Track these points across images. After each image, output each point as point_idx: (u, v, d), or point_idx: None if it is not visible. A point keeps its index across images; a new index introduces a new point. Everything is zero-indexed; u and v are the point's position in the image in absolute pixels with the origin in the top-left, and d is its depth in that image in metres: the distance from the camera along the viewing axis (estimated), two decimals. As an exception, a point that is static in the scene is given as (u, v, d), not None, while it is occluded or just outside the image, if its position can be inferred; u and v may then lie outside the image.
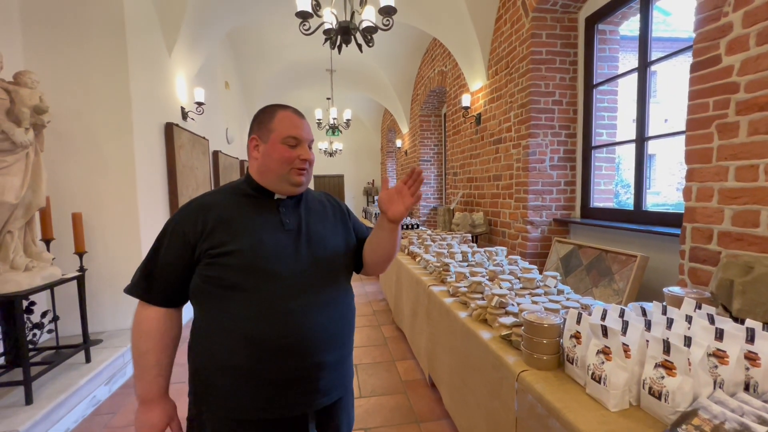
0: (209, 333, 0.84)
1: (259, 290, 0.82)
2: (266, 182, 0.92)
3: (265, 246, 0.85)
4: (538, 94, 3.06)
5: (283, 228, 0.90)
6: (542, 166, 3.12)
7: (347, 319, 0.95)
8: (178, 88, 3.62)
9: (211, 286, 0.83)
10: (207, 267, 0.83)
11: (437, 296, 1.96)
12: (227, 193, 0.93)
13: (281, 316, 0.82)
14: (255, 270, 0.83)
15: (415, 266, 2.66)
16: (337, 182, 11.28)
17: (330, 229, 0.99)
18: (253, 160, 0.93)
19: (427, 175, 6.68)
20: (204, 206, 0.88)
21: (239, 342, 0.81)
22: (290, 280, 0.85)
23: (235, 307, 0.82)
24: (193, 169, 3.76)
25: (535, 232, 3.16)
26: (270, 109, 0.93)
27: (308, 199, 1.02)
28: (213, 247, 0.83)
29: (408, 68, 6.52)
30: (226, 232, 0.85)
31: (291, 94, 8.08)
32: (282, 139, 0.88)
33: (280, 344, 0.81)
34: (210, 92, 4.71)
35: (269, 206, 0.92)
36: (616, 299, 2.16)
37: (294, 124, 0.91)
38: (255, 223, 0.88)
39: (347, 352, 0.96)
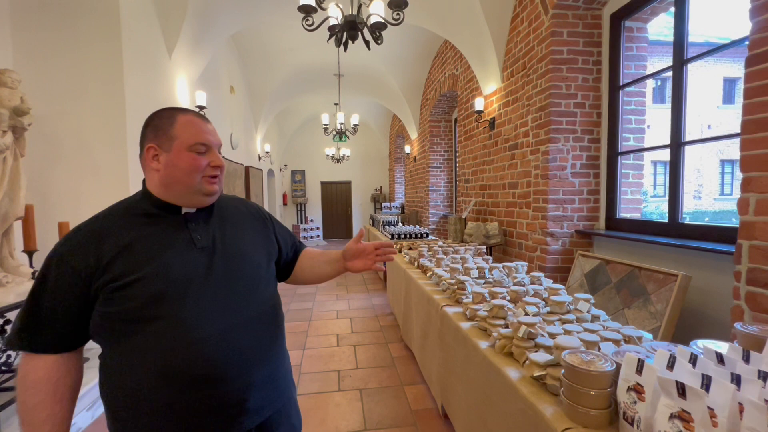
0: (119, 371, 0.75)
1: (168, 320, 0.74)
2: (171, 196, 0.82)
3: (172, 270, 0.77)
4: (558, 96, 2.85)
5: (195, 246, 0.81)
6: (563, 174, 2.89)
7: (275, 332, 0.90)
8: (179, 92, 3.49)
9: (114, 322, 0.74)
10: (106, 303, 0.74)
11: (452, 319, 1.75)
12: (121, 214, 0.81)
13: (198, 344, 0.75)
14: (164, 298, 0.75)
15: (426, 281, 2.45)
16: (344, 189, 11.12)
17: (249, 240, 0.92)
18: (153, 172, 0.82)
19: (436, 182, 6.47)
20: (96, 234, 0.77)
21: (152, 378, 0.74)
22: (204, 304, 0.78)
23: (146, 342, 0.74)
24: (193, 175, 3.60)
25: (555, 245, 2.92)
26: (167, 114, 0.83)
27: (222, 208, 0.92)
28: (114, 279, 0.73)
29: (417, 72, 6.35)
30: (127, 260, 0.75)
31: (297, 99, 7.97)
32: (189, 147, 0.80)
33: (200, 374, 0.75)
34: (214, 97, 4.59)
35: (175, 224, 0.82)
36: (654, 323, 1.92)
37: (201, 128, 0.83)
38: (160, 245, 0.79)
39: (279, 363, 0.90)
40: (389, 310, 4.04)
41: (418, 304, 2.44)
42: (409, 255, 3.14)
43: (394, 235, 5.04)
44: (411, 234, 5.06)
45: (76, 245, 0.75)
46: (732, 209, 13.41)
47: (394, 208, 9.02)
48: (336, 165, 10.33)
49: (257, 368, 0.82)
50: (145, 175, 0.85)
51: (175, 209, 0.83)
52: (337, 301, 4.43)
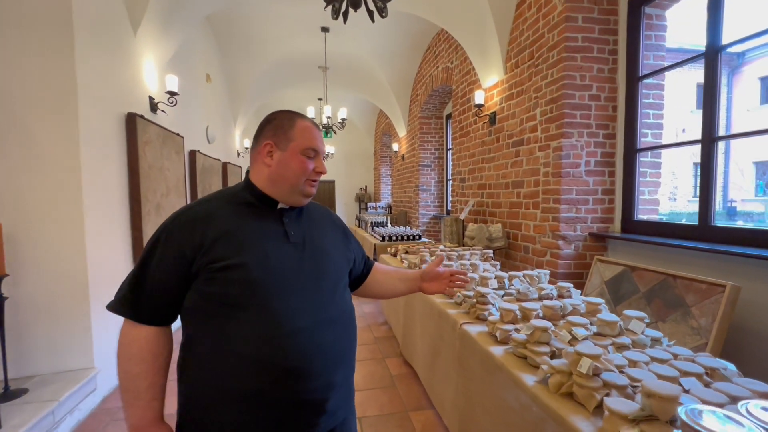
0: (210, 357, 0.77)
1: (266, 308, 0.77)
2: (275, 191, 0.88)
3: (271, 260, 0.81)
4: (572, 88, 2.62)
5: (288, 240, 0.86)
6: (577, 172, 2.66)
7: (352, 336, 0.92)
8: (146, 74, 3.06)
9: (213, 304, 0.77)
10: (208, 282, 0.76)
11: (477, 342, 1.46)
12: (225, 201, 0.86)
13: (291, 336, 0.77)
14: (262, 286, 0.77)
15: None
16: (327, 188, 10.73)
17: (332, 243, 0.96)
18: (263, 167, 0.88)
19: (427, 181, 6.22)
20: (203, 216, 0.81)
21: (245, 365, 0.75)
22: (297, 296, 0.81)
23: (240, 328, 0.76)
24: (162, 170, 3.19)
25: (567, 249, 2.69)
26: (289, 116, 0.89)
27: (310, 210, 0.97)
28: (215, 260, 0.76)
29: (407, 67, 6.07)
30: (229, 244, 0.79)
31: (280, 93, 7.55)
32: (302, 150, 0.86)
33: (291, 366, 0.76)
34: (188, 84, 4.15)
35: (272, 216, 0.88)
36: (697, 340, 1.69)
37: (314, 135, 0.89)
38: (259, 234, 0.83)
39: (351, 370, 0.93)
40: (383, 318, 3.73)
41: (424, 317, 2.14)
42: (408, 260, 2.84)
43: (384, 237, 4.73)
44: (402, 236, 4.77)
45: (184, 223, 0.79)
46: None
47: (380, 209, 8.72)
48: (319, 163, 9.94)
49: (339, 368, 0.84)
50: (252, 167, 0.90)
51: (272, 203, 0.88)
52: (324, 308, 4.09)
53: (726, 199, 13.82)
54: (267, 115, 0.90)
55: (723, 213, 13.16)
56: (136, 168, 2.72)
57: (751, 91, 13.20)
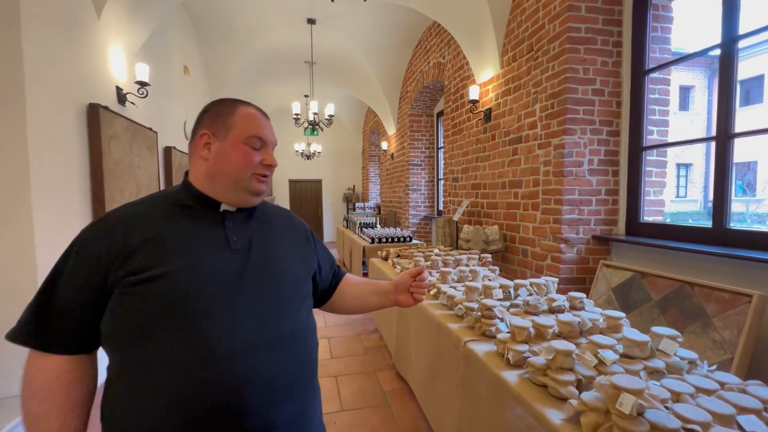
0: (124, 391, 0.64)
1: (190, 329, 0.63)
2: (215, 189, 0.75)
3: (203, 269, 0.68)
4: (575, 81, 2.47)
5: (229, 246, 0.73)
6: (580, 171, 2.52)
7: (308, 363, 0.76)
8: (113, 63, 2.78)
9: (128, 326, 0.63)
10: (122, 299, 0.64)
11: (486, 364, 1.27)
12: (157, 203, 0.75)
13: (220, 364, 0.63)
14: (187, 301, 0.64)
15: (431, 302, 1.97)
16: (314, 188, 10.45)
17: (288, 250, 0.83)
18: (201, 161, 0.76)
19: (417, 180, 6.04)
20: (125, 220, 0.69)
21: (165, 401, 0.61)
22: (233, 313, 0.67)
23: (159, 354, 0.62)
24: (132, 167, 2.91)
25: (569, 252, 2.54)
26: (229, 103, 0.78)
27: (264, 212, 0.86)
28: (133, 272, 0.64)
29: (397, 62, 5.88)
30: (154, 252, 0.66)
31: (264, 88, 7.25)
32: (245, 139, 0.75)
33: (219, 401, 0.62)
34: (163, 76, 3.86)
35: (212, 220, 0.75)
36: (721, 355, 1.55)
37: (260, 122, 0.78)
38: (192, 240, 0.70)
39: (309, 402, 0.75)
40: (373, 326, 3.53)
41: (421, 330, 1.95)
42: (402, 265, 2.64)
43: (374, 239, 4.53)
44: (393, 238, 4.58)
45: (101, 230, 0.68)
46: (688, 211, 14.08)
47: (368, 209, 8.51)
48: (306, 162, 9.66)
49: (285, 403, 0.70)
50: (190, 165, 0.79)
51: (213, 204, 0.76)
52: (311, 315, 3.86)
53: (707, 199, 14.11)
54: (206, 104, 0.80)
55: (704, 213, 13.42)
56: (100, 165, 2.44)
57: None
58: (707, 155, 13.73)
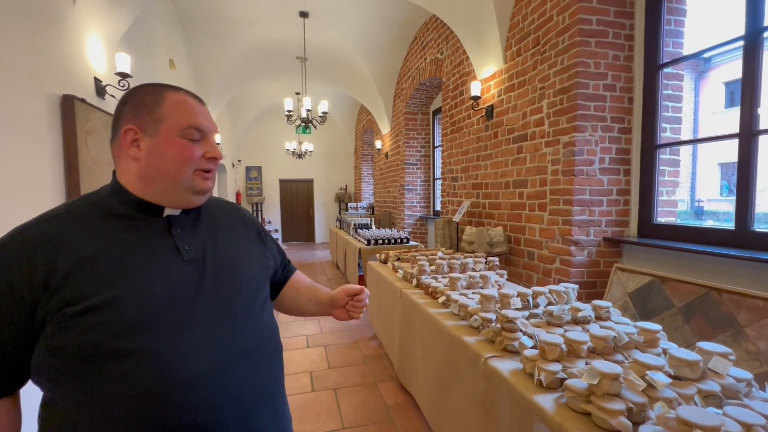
0: (71, 425, 0.55)
1: (147, 355, 0.56)
2: (152, 192, 0.65)
3: (154, 290, 0.60)
4: (586, 76, 2.35)
5: (182, 258, 0.65)
6: (591, 170, 2.40)
7: (277, 365, 0.74)
8: (90, 52, 2.57)
9: (69, 359, 0.55)
10: (60, 333, 0.54)
11: (515, 387, 1.13)
12: (82, 214, 0.62)
13: (184, 387, 0.58)
14: (140, 328, 0.57)
15: (440, 310, 1.82)
16: (305, 187, 10.23)
17: (244, 251, 0.76)
18: (129, 161, 0.65)
19: (412, 180, 5.90)
20: (44, 241, 0.58)
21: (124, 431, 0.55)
22: (195, 330, 0.61)
23: (112, 385, 0.55)
24: (111, 166, 2.69)
25: (580, 255, 2.43)
26: (153, 90, 0.66)
27: (210, 210, 0.76)
28: (70, 302, 0.55)
29: (392, 59, 5.73)
30: (90, 277, 0.57)
31: (253, 85, 7.03)
32: (180, 131, 0.65)
33: (187, 425, 0.57)
34: (147, 69, 3.64)
35: (155, 228, 0.66)
36: (756, 367, 1.43)
37: (194, 110, 0.67)
38: (136, 257, 0.61)
39: (281, 406, 0.74)
40: (371, 332, 3.37)
41: (430, 341, 1.80)
42: (404, 270, 2.49)
43: (370, 241, 4.38)
44: (389, 239, 4.43)
45: (15, 256, 0.57)
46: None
47: (361, 209, 8.35)
48: (297, 161, 9.44)
49: (260, 412, 0.67)
50: (116, 165, 0.69)
51: (154, 209, 0.67)
52: (304, 321, 3.68)
53: (694, 198, 14.30)
54: (124, 93, 0.68)
55: (691, 212, 13.58)
56: (75, 162, 2.23)
57: (717, 96, 13.70)
58: (694, 155, 13.93)
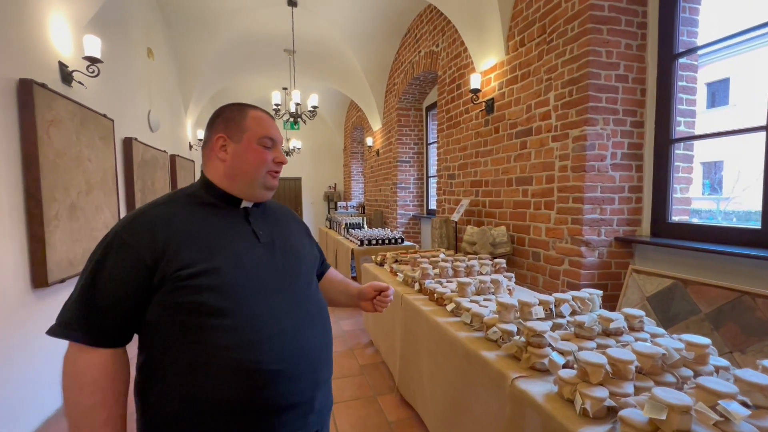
0: (185, 373, 0.69)
1: (246, 312, 0.72)
2: (234, 187, 0.82)
3: (245, 261, 0.76)
4: (597, 66, 2.21)
5: (258, 241, 0.81)
6: (602, 165, 2.27)
7: (330, 332, 0.90)
8: (54, 33, 2.30)
9: (183, 314, 0.69)
10: (176, 292, 0.69)
11: (552, 415, 0.96)
12: (183, 202, 0.79)
13: (275, 339, 0.74)
14: (240, 289, 0.73)
15: (447, 318, 1.65)
16: (293, 186, 9.95)
17: (300, 242, 0.93)
18: (219, 162, 0.82)
19: (405, 178, 5.73)
20: (161, 219, 0.73)
21: (232, 375, 0.69)
22: (277, 296, 0.77)
23: (220, 336, 0.69)
24: (80, 160, 2.43)
25: (591, 256, 2.29)
26: (239, 107, 0.84)
27: (270, 208, 0.93)
28: (182, 267, 0.69)
29: (384, 53, 5.54)
30: (196, 249, 0.72)
31: (239, 79, 6.74)
32: (258, 140, 0.82)
33: (279, 368, 0.73)
34: (122, 56, 3.36)
35: (237, 216, 0.82)
36: (801, 380, 1.30)
37: (269, 124, 0.85)
38: (227, 236, 0.77)
39: (332, 365, 0.90)
40: (366, 338, 3.18)
41: (439, 354, 1.62)
42: (404, 273, 2.31)
43: (363, 241, 4.19)
44: (383, 239, 4.25)
45: (140, 228, 0.71)
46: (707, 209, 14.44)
47: (351, 208, 8.15)
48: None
49: (323, 366, 0.83)
50: (206, 166, 0.84)
51: (235, 202, 0.83)
52: (295, 327, 3.47)
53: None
54: (216, 109, 0.84)
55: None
56: (35, 156, 1.98)
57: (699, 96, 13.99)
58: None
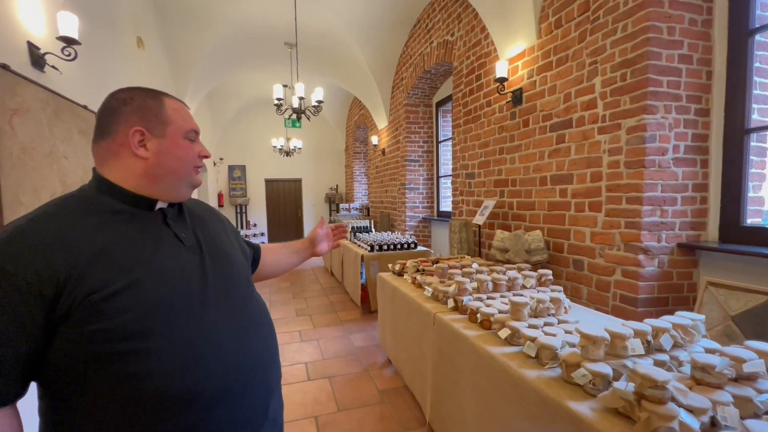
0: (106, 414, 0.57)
1: (175, 332, 0.62)
2: (155, 189, 0.69)
3: (170, 272, 0.65)
4: (658, 44, 1.90)
5: (183, 245, 0.70)
6: (663, 160, 1.95)
7: (274, 332, 0.83)
8: (21, 8, 1.97)
9: (102, 344, 0.57)
10: (89, 319, 0.56)
11: None
12: (78, 212, 0.63)
13: (213, 357, 0.65)
14: (166, 306, 0.62)
15: (502, 347, 1.32)
16: (293, 188, 9.61)
17: (225, 240, 0.82)
18: (135, 160, 0.67)
19: (414, 178, 5.41)
20: (53, 236, 0.58)
21: (170, 406, 0.59)
22: (212, 307, 0.68)
23: (146, 364, 0.59)
24: (54, 157, 2.09)
25: (649, 266, 1.97)
26: (151, 94, 0.70)
27: (186, 205, 0.80)
28: (94, 290, 0.57)
29: (391, 46, 5.23)
30: (109, 266, 0.59)
31: (237, 75, 6.41)
32: (185, 133, 0.71)
33: (221, 389, 0.64)
34: (108, 43, 3.03)
35: (153, 220, 0.70)
36: None
37: (189, 115, 0.74)
38: (145, 245, 0.65)
39: (279, 364, 0.84)
40: (382, 356, 2.85)
41: (495, 394, 1.30)
42: (433, 287, 1.99)
43: (374, 246, 3.86)
44: (395, 244, 3.92)
45: (26, 253, 0.56)
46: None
47: (353, 210, 7.82)
48: (284, 160, 8.83)
49: (273, 372, 0.78)
50: (110, 164, 0.68)
51: (147, 204, 0.70)
52: (302, 343, 3.13)
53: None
54: (113, 95, 0.68)
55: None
56: (-6, 151, 1.64)
57: None
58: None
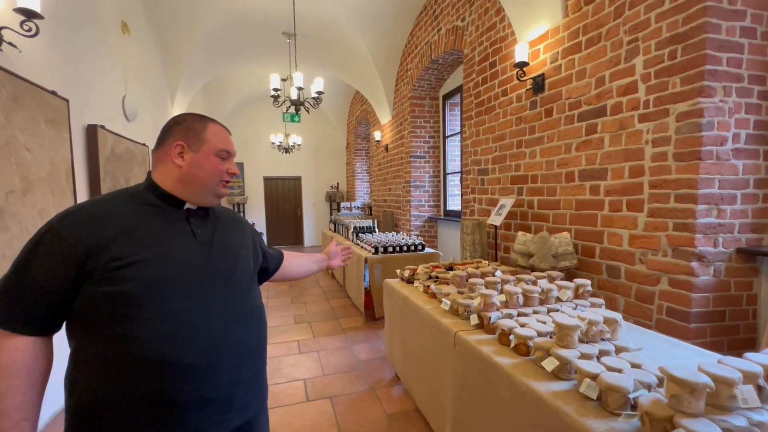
0: (104, 363, 0.71)
1: (167, 306, 0.74)
2: (185, 192, 0.85)
3: (174, 256, 0.78)
4: (717, 14, 1.62)
5: (195, 239, 0.84)
6: (722, 151, 1.67)
7: (263, 332, 0.93)
8: (-29, -25, 1.68)
9: (106, 304, 0.71)
10: (103, 282, 0.71)
11: None
12: (125, 200, 0.81)
13: (197, 333, 0.76)
14: (162, 282, 0.75)
15: (546, 382, 1.05)
16: (293, 186, 9.32)
17: (239, 243, 0.95)
18: (173, 167, 0.84)
19: (420, 175, 5.12)
20: (99, 215, 0.75)
21: (147, 367, 0.71)
22: (203, 292, 0.79)
23: (139, 328, 0.71)
24: (13, 149, 1.82)
25: (704, 274, 1.69)
26: (200, 119, 0.88)
27: (216, 212, 0.96)
28: (114, 258, 0.72)
29: (394, 35, 4.94)
30: (130, 243, 0.74)
31: (233, 68, 6.11)
32: (216, 152, 0.86)
33: (192, 364, 0.74)
34: (83, 25, 2.74)
35: (177, 216, 0.85)
36: None
37: (227, 138, 0.90)
38: (163, 232, 0.80)
39: (262, 364, 0.93)
40: (388, 371, 2.57)
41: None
42: (454, 300, 1.70)
43: (378, 248, 3.58)
44: (401, 246, 3.64)
45: (75, 222, 0.73)
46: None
47: (355, 209, 7.53)
48: (283, 157, 8.54)
49: (246, 364, 0.84)
50: (156, 168, 0.86)
51: (177, 203, 0.85)
52: (300, 356, 2.85)
53: None
54: (173, 117, 0.88)
55: None
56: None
57: None
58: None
